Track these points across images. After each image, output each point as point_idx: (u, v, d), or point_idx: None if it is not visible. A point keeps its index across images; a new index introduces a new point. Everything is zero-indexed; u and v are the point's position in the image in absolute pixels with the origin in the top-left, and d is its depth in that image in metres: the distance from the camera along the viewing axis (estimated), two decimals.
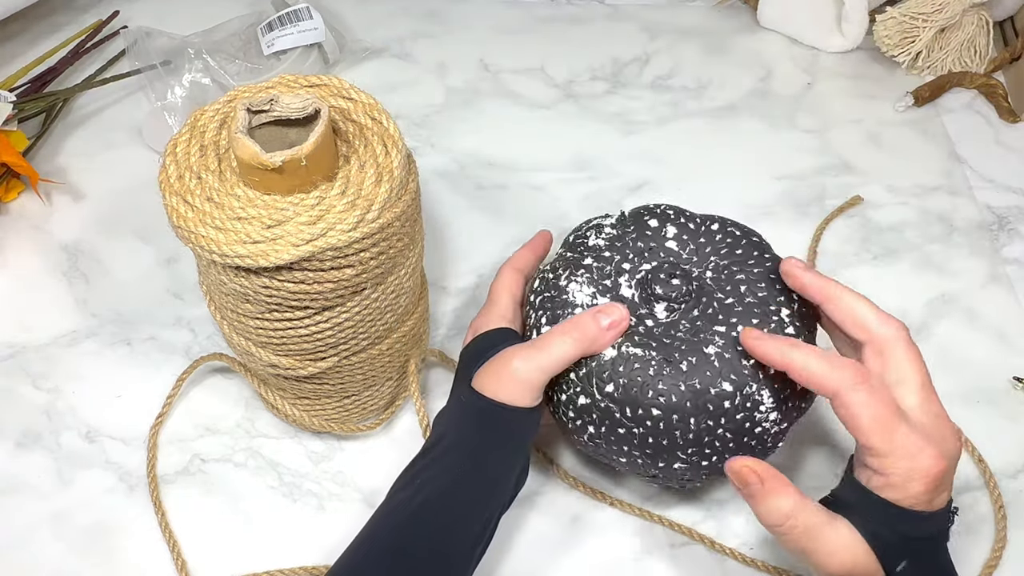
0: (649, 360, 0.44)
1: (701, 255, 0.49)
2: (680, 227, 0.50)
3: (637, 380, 0.44)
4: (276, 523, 0.54)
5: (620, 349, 0.45)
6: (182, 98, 0.72)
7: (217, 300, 0.49)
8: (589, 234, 0.51)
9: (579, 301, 0.47)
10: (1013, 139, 0.75)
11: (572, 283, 0.48)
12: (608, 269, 0.49)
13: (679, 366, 0.44)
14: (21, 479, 0.55)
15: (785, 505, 0.40)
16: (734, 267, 0.48)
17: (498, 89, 0.78)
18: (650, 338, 0.45)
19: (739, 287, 0.47)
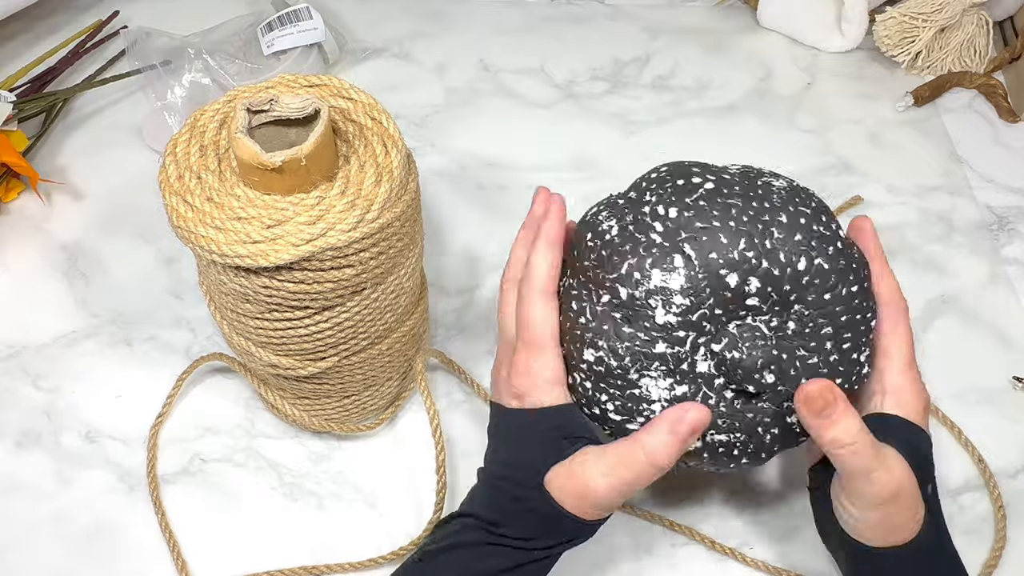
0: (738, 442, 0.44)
1: (785, 311, 0.42)
2: (763, 278, 0.41)
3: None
4: (276, 523, 0.54)
5: (704, 439, 0.43)
6: (182, 98, 0.72)
7: (217, 300, 0.49)
8: (654, 303, 0.41)
9: (655, 397, 0.42)
10: (1013, 139, 0.75)
11: (645, 378, 0.42)
12: (683, 352, 0.42)
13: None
14: (21, 479, 0.55)
15: (855, 424, 0.40)
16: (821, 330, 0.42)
17: (498, 89, 0.78)
18: (733, 418, 0.43)
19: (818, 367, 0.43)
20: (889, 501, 0.41)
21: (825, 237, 0.42)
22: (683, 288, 0.40)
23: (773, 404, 0.43)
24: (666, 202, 0.42)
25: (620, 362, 0.42)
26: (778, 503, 0.54)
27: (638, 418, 0.43)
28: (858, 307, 0.43)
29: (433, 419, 0.52)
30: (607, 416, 0.44)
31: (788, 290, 0.41)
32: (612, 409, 0.43)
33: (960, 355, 0.61)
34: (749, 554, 0.52)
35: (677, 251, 0.41)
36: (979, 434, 0.56)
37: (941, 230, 0.68)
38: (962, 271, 0.66)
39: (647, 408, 0.42)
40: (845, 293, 0.42)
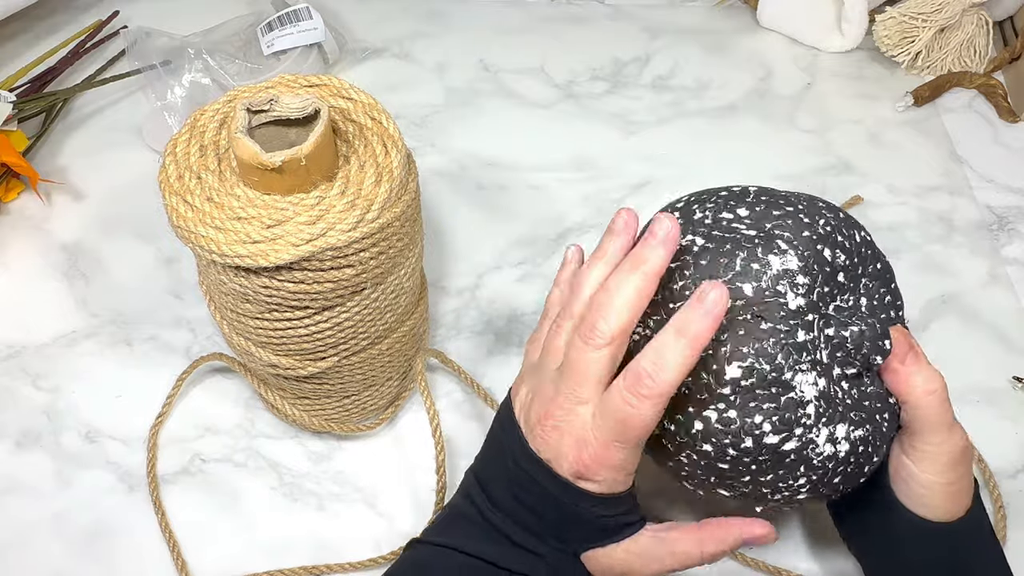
0: (868, 437, 0.41)
1: (857, 284, 0.43)
2: (840, 246, 0.41)
3: (862, 466, 0.41)
4: (276, 523, 0.54)
5: (850, 434, 0.40)
6: (182, 98, 0.72)
7: (217, 300, 0.49)
8: (783, 288, 0.38)
9: (808, 396, 0.38)
10: (1013, 139, 0.75)
11: (799, 374, 0.38)
12: (815, 338, 0.39)
13: (882, 430, 0.42)
14: (21, 479, 0.55)
15: (937, 372, 0.41)
16: (887, 297, 0.44)
17: (498, 89, 0.78)
18: (858, 408, 0.41)
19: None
20: (961, 461, 0.41)
21: (852, 219, 0.43)
22: (800, 268, 0.39)
23: (877, 387, 0.42)
24: (728, 207, 0.41)
25: (772, 362, 0.37)
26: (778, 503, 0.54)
27: (796, 430, 0.38)
28: (892, 276, 0.45)
29: (433, 419, 0.52)
30: (762, 443, 0.38)
31: (857, 261, 0.42)
32: (769, 429, 0.38)
33: (960, 355, 0.61)
34: (749, 554, 0.52)
35: (775, 237, 0.39)
36: (979, 434, 0.56)
37: (941, 230, 0.68)
38: (962, 271, 0.66)
39: (804, 415, 0.38)
40: (884, 264, 0.44)
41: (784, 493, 0.41)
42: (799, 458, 0.39)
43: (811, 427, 0.38)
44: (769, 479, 0.40)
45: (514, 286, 0.64)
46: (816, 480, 0.40)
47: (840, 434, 0.39)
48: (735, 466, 0.39)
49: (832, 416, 0.39)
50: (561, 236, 0.67)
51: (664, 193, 0.70)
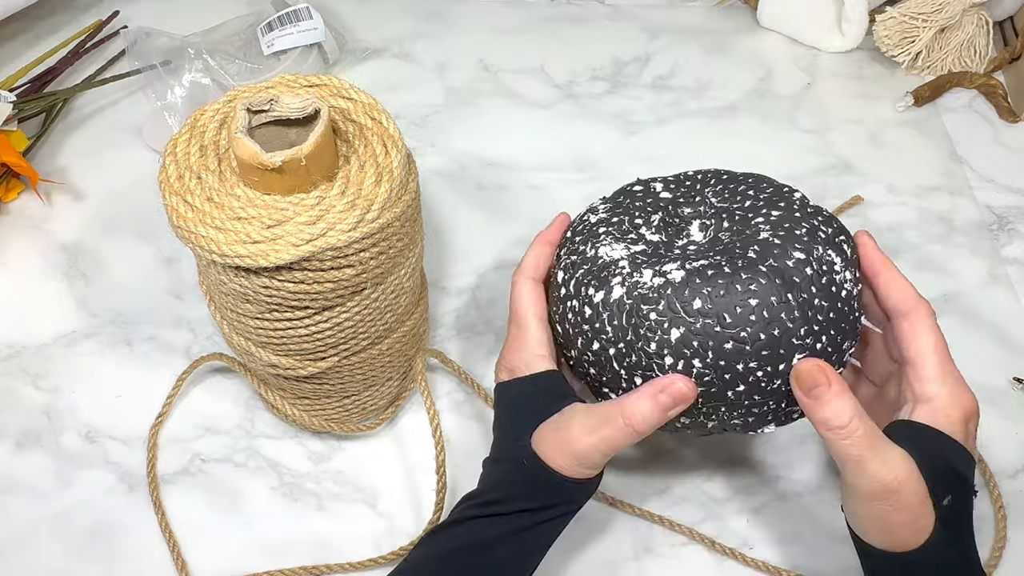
0: (716, 263, 0.42)
1: (698, 193, 0.48)
2: (665, 182, 0.49)
3: (720, 286, 0.41)
4: (276, 523, 0.54)
5: (685, 267, 0.43)
6: (182, 98, 0.72)
7: (217, 300, 0.49)
8: (586, 217, 0.49)
9: (617, 256, 0.45)
10: (1013, 139, 0.75)
11: (601, 247, 0.46)
12: (625, 225, 0.47)
13: (747, 256, 0.42)
14: (21, 479, 0.55)
15: (850, 407, 0.40)
16: (740, 190, 0.47)
17: (498, 89, 0.78)
18: (704, 255, 0.43)
19: (756, 203, 0.46)
20: (880, 497, 0.40)
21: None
22: (603, 200, 0.49)
23: (736, 237, 0.44)
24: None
25: (577, 252, 0.46)
26: (778, 503, 0.55)
27: (614, 279, 0.44)
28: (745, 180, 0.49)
29: (433, 419, 0.52)
30: (595, 303, 0.44)
31: (690, 184, 0.49)
32: (593, 291, 0.44)
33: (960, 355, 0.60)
34: (749, 554, 0.52)
35: (595, 206, 0.50)
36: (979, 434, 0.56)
37: (941, 230, 0.68)
38: (962, 271, 0.66)
39: (617, 268, 0.44)
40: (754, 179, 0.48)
41: (655, 336, 0.42)
42: (632, 298, 0.43)
43: (630, 273, 0.44)
44: (631, 333, 0.43)
45: None
46: (667, 307, 0.42)
47: (669, 268, 0.43)
48: (599, 338, 0.44)
49: (656, 262, 0.44)
50: None
51: None
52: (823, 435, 0.40)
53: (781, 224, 0.44)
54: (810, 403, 0.40)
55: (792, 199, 0.46)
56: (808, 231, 0.43)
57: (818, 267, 0.42)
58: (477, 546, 0.44)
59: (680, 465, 0.56)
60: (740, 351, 0.41)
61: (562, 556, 0.52)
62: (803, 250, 0.42)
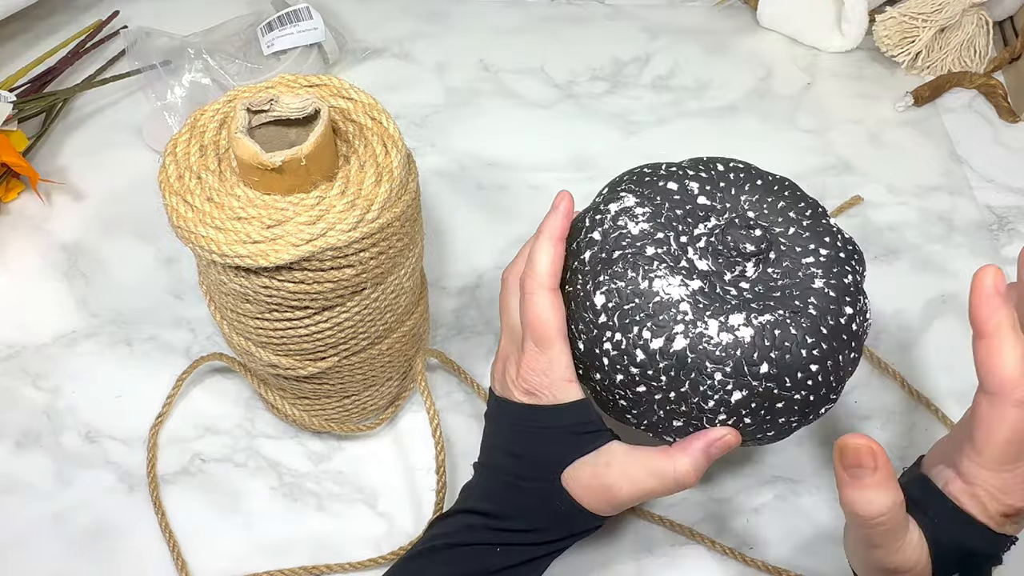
0: (781, 320, 0.41)
1: (732, 200, 0.45)
2: (697, 178, 0.46)
3: (786, 349, 0.40)
4: (276, 523, 0.54)
5: (752, 322, 0.41)
6: (182, 98, 0.72)
7: (217, 300, 0.49)
8: (623, 224, 0.44)
9: (677, 297, 0.41)
10: (1013, 139, 0.75)
11: (656, 280, 0.41)
12: (673, 247, 0.43)
13: (808, 313, 0.41)
14: (21, 479, 0.55)
15: (886, 500, 0.36)
16: (773, 201, 0.45)
17: (498, 89, 0.78)
18: (763, 301, 0.42)
19: (800, 231, 0.44)
20: (880, 572, 0.38)
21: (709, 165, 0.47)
22: (637, 202, 0.44)
23: (791, 278, 0.43)
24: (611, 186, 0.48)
25: (625, 278, 0.42)
26: (778, 503, 0.55)
27: (676, 327, 0.41)
28: (802, 195, 0.47)
29: (433, 419, 0.52)
30: (650, 349, 0.41)
31: (724, 185, 0.46)
32: (650, 336, 0.41)
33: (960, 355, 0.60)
34: (749, 554, 0.52)
35: (620, 190, 0.46)
36: None
37: (941, 230, 0.68)
38: (962, 271, 0.66)
39: (678, 312, 0.41)
40: (774, 178, 0.47)
41: (716, 396, 0.41)
42: (696, 353, 0.41)
43: (693, 322, 0.41)
44: (688, 386, 0.41)
45: None
46: (733, 371, 0.40)
47: (736, 322, 0.41)
48: (648, 383, 0.42)
49: (720, 309, 0.41)
50: None
51: None
52: (845, 511, 0.38)
53: (830, 269, 0.43)
54: (846, 479, 0.37)
55: (829, 227, 0.45)
56: (852, 278, 0.43)
57: (861, 320, 0.43)
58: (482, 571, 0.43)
59: None
60: (790, 408, 0.42)
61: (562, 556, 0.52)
62: (851, 303, 0.43)
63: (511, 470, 0.45)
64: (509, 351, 0.46)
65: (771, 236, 0.44)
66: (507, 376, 0.45)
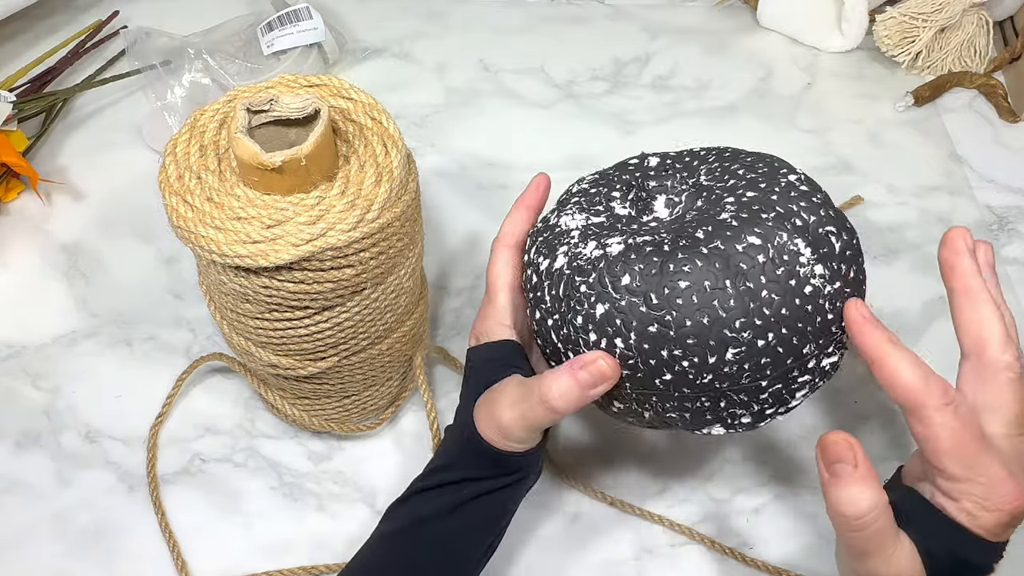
0: (659, 243, 0.39)
1: (690, 170, 0.45)
2: (664, 156, 0.46)
3: (653, 264, 0.39)
4: (276, 523, 0.54)
5: (628, 242, 0.40)
6: (182, 98, 0.72)
7: (217, 300, 0.49)
8: (571, 187, 0.48)
9: (573, 225, 0.43)
10: (1013, 139, 0.75)
11: (564, 216, 0.45)
12: (599, 197, 0.45)
13: (694, 236, 0.39)
14: (21, 479, 0.55)
15: (870, 499, 0.35)
16: (733, 168, 0.43)
17: (498, 89, 0.78)
18: (654, 232, 0.41)
19: (739, 182, 0.42)
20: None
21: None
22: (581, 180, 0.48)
23: (706, 224, 0.40)
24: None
25: (544, 221, 0.46)
26: (778, 503, 0.54)
27: (560, 248, 0.43)
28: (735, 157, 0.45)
29: (431, 412, 0.52)
30: (540, 271, 0.43)
31: (688, 160, 0.46)
32: (541, 259, 0.43)
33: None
34: (749, 554, 0.52)
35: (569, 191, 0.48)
36: None
37: (941, 230, 0.68)
38: None
39: (568, 239, 0.43)
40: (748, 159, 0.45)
41: (582, 310, 0.40)
42: (571, 269, 0.41)
43: (576, 244, 0.42)
44: (564, 304, 0.41)
45: None
46: (596, 281, 0.40)
47: (612, 241, 0.41)
48: (540, 307, 0.43)
49: (606, 235, 0.42)
50: None
51: None
52: (831, 516, 0.37)
53: (749, 206, 0.39)
54: (828, 478, 0.36)
55: (782, 181, 0.41)
56: (778, 216, 0.39)
57: (776, 255, 0.38)
58: (423, 520, 0.44)
59: (680, 465, 0.56)
60: (664, 336, 0.38)
61: (562, 556, 0.52)
62: (761, 235, 0.38)
63: (456, 414, 0.47)
64: None
65: (704, 185, 0.43)
66: (471, 332, 0.49)
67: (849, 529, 0.36)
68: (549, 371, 0.41)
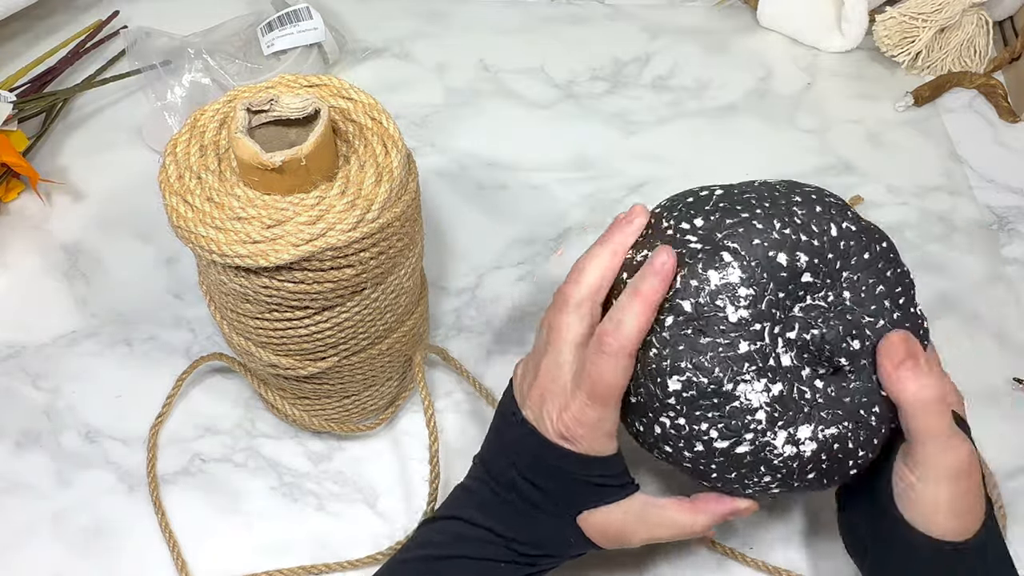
0: (843, 434, 0.42)
1: (835, 276, 0.42)
2: (810, 250, 0.41)
3: (838, 458, 0.42)
4: (276, 523, 0.54)
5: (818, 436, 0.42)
6: (182, 98, 0.72)
7: (217, 300, 0.49)
8: (721, 303, 0.40)
9: (756, 404, 0.40)
10: (1013, 139, 0.75)
11: (740, 384, 0.40)
12: (766, 345, 0.41)
13: (868, 423, 0.42)
14: (21, 479, 0.55)
15: (940, 382, 0.40)
16: (874, 283, 0.43)
17: (498, 89, 0.78)
18: (833, 405, 0.42)
19: (883, 308, 0.43)
20: (963, 474, 0.40)
21: (839, 207, 0.43)
22: (743, 279, 0.40)
23: (864, 381, 0.42)
24: (687, 216, 0.43)
25: (710, 376, 0.40)
26: (778, 503, 0.54)
27: (746, 435, 0.40)
28: (895, 260, 0.44)
29: (428, 409, 0.52)
30: (712, 447, 0.41)
31: (832, 258, 0.41)
32: (716, 436, 0.40)
33: (960, 355, 0.61)
34: (749, 554, 0.52)
35: (722, 249, 0.40)
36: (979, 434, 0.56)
37: (941, 230, 0.68)
38: (962, 271, 0.66)
39: (752, 421, 0.40)
40: (880, 250, 0.43)
41: (756, 488, 0.43)
42: (756, 459, 0.41)
43: (764, 431, 0.40)
44: (733, 476, 0.42)
45: (514, 286, 0.64)
46: (784, 477, 0.42)
47: (804, 435, 0.41)
48: (696, 465, 0.42)
49: (792, 418, 0.41)
50: (561, 236, 0.67)
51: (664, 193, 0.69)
52: (908, 408, 0.40)
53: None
54: (903, 375, 0.40)
55: (915, 314, 0.44)
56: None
57: None
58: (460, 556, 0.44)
59: None
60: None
61: None
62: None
63: (528, 496, 0.44)
64: (552, 375, 0.43)
65: (867, 346, 0.42)
66: (544, 411, 0.43)
67: (930, 411, 0.39)
68: (700, 507, 0.44)
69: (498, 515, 0.45)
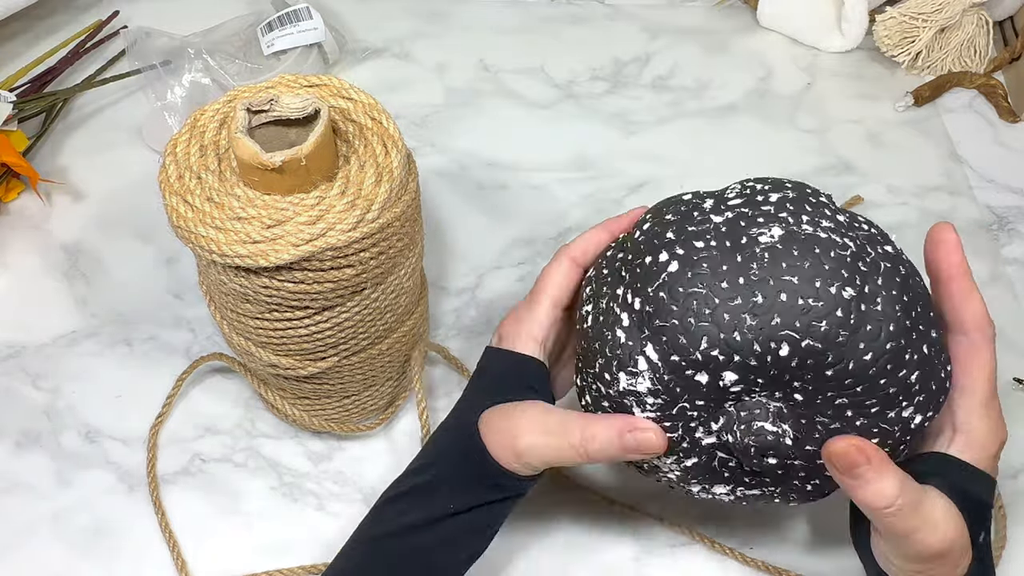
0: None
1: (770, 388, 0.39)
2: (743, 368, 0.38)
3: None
4: (276, 523, 0.54)
5: (736, 494, 0.43)
6: (182, 98, 0.72)
7: (217, 300, 0.49)
8: (627, 402, 0.40)
9: (666, 469, 0.42)
10: (1013, 139, 0.74)
11: (635, 406, 0.40)
12: (676, 437, 0.40)
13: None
14: (21, 479, 0.55)
15: (892, 486, 0.36)
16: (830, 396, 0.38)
17: (498, 89, 0.78)
18: (763, 475, 0.42)
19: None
20: (933, 559, 0.38)
21: (829, 299, 0.36)
22: (651, 390, 0.39)
23: (804, 460, 0.40)
24: (632, 288, 0.39)
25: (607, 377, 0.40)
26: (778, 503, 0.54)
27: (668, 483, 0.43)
28: (892, 366, 0.37)
29: (423, 413, 0.52)
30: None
31: (776, 375, 0.37)
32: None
33: None
34: (749, 554, 0.52)
35: (639, 353, 0.38)
36: None
37: None
38: None
39: (666, 479, 0.44)
40: (860, 363, 0.36)
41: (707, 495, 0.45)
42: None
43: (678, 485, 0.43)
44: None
45: (514, 286, 0.64)
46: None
47: (720, 491, 0.44)
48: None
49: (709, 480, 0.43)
50: (561, 236, 0.67)
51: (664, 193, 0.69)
52: (869, 514, 0.38)
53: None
54: (850, 484, 0.37)
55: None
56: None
57: None
58: (409, 527, 0.43)
59: None
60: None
61: (562, 556, 0.52)
62: None
63: (453, 409, 0.45)
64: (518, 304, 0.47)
65: (792, 457, 0.40)
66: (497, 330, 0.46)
67: (888, 515, 0.37)
68: (595, 418, 0.40)
69: (426, 443, 0.47)
